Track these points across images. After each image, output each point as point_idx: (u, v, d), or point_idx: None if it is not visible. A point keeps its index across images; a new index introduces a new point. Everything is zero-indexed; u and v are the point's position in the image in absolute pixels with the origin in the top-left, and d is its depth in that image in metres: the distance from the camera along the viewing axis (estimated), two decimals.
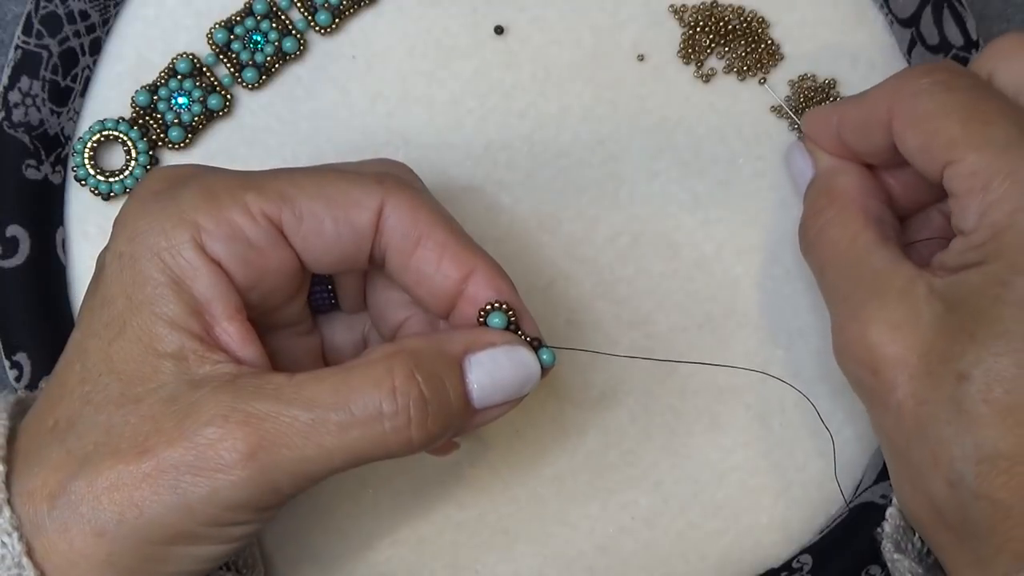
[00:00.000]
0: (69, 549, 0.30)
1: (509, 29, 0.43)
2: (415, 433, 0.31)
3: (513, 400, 0.33)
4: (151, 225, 0.32)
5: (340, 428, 0.30)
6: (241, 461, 0.29)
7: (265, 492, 0.30)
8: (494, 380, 0.32)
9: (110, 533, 0.30)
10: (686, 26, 0.43)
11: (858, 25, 0.43)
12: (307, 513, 0.42)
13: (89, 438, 0.30)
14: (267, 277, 0.33)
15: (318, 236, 0.33)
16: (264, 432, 0.30)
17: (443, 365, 0.32)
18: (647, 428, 0.42)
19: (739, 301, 0.42)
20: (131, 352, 0.31)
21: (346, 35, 0.43)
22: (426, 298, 0.34)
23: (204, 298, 0.31)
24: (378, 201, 0.33)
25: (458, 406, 0.32)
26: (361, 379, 0.31)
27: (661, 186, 0.43)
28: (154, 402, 0.30)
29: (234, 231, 0.32)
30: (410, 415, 0.31)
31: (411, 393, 0.31)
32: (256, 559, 0.40)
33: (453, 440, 0.38)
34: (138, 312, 0.31)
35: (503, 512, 0.42)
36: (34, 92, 0.41)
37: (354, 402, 0.30)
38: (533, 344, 0.34)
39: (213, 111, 0.42)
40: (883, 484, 0.41)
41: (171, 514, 0.30)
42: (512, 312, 0.33)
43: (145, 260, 0.31)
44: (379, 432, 0.30)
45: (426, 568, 0.42)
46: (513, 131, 0.43)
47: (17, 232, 0.41)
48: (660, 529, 0.42)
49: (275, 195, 0.32)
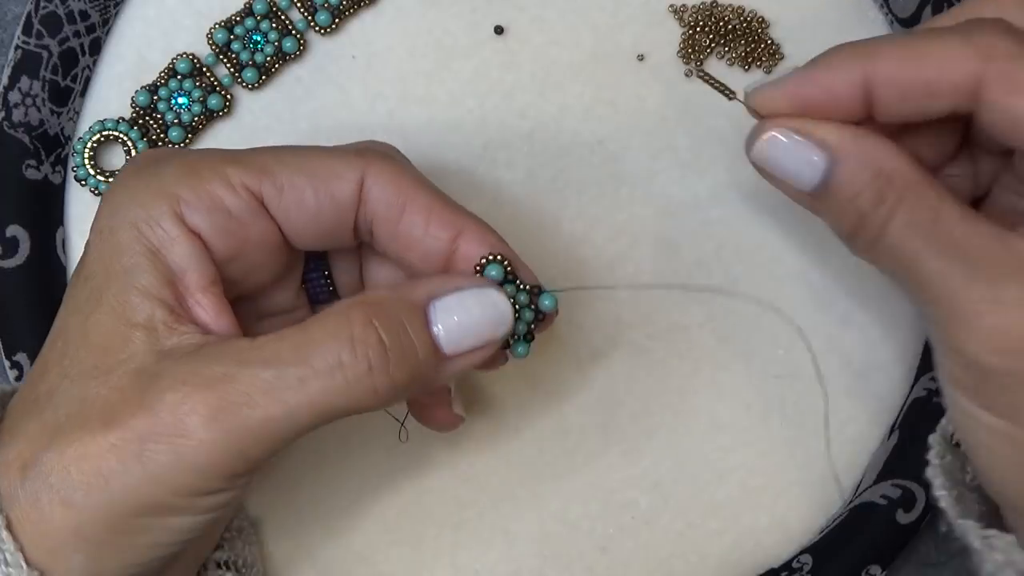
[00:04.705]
0: (40, 520, 0.30)
1: (509, 29, 0.43)
2: (378, 381, 0.30)
3: (487, 345, 0.32)
4: (131, 198, 0.32)
5: (301, 382, 0.29)
6: (203, 424, 0.29)
7: (231, 455, 0.30)
8: (461, 323, 0.32)
9: (78, 504, 0.29)
10: (686, 26, 0.43)
11: (858, 25, 0.43)
12: (307, 513, 0.42)
13: (63, 410, 0.30)
14: (248, 249, 0.33)
15: (299, 208, 0.33)
16: (224, 393, 0.29)
17: (404, 311, 0.31)
18: (647, 428, 0.42)
19: (739, 301, 0.42)
20: (106, 324, 0.31)
21: (346, 35, 0.43)
22: (419, 264, 0.34)
23: (179, 268, 0.32)
24: (359, 173, 0.33)
25: (425, 352, 0.31)
26: (320, 332, 0.30)
27: (661, 186, 0.43)
28: (123, 373, 0.30)
29: (214, 202, 0.32)
30: (370, 363, 0.30)
31: (369, 341, 0.30)
32: (255, 558, 0.40)
33: (457, 413, 0.38)
34: (114, 282, 0.31)
35: (503, 512, 0.42)
36: (34, 92, 0.41)
37: (313, 355, 0.30)
38: (533, 291, 0.33)
39: (213, 111, 0.42)
40: (883, 484, 0.41)
41: (137, 483, 0.29)
42: (508, 263, 0.33)
43: (123, 231, 0.32)
44: (341, 383, 0.30)
45: (426, 568, 0.42)
46: (513, 131, 0.43)
47: (17, 232, 0.41)
48: (660, 529, 0.42)
49: (256, 168, 0.33)
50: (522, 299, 0.33)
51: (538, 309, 0.34)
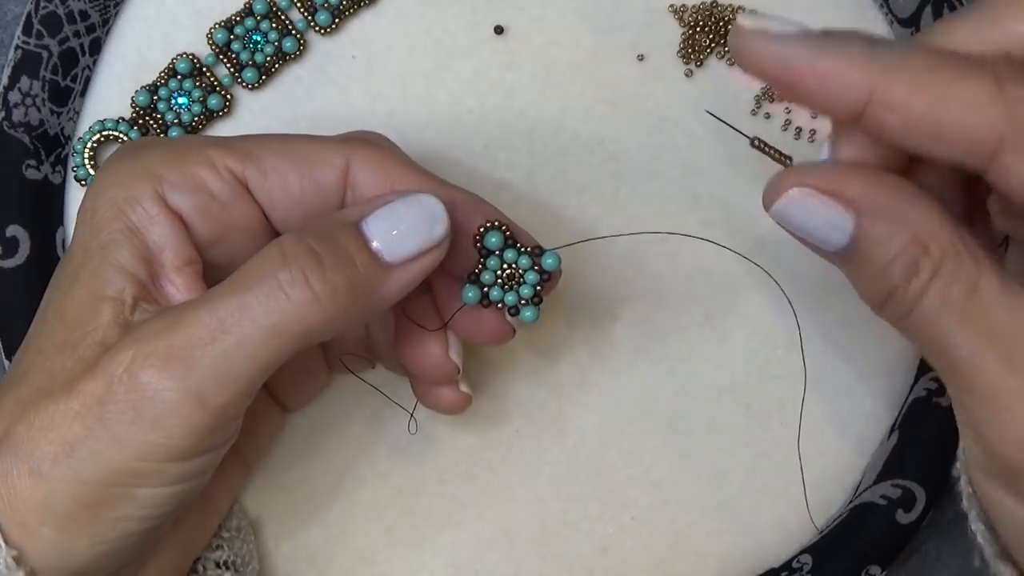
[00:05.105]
0: (11, 494, 0.30)
1: (509, 29, 0.43)
2: (318, 288, 0.30)
3: (431, 248, 0.32)
4: (114, 179, 0.33)
5: (241, 309, 0.29)
6: (156, 374, 0.29)
7: (191, 407, 0.29)
8: (396, 228, 0.31)
9: (45, 473, 0.29)
10: (686, 26, 0.43)
11: (858, 25, 0.43)
12: (307, 513, 0.42)
13: (35, 384, 0.31)
14: (232, 234, 0.33)
15: (283, 193, 0.33)
16: (173, 340, 0.29)
17: (336, 226, 0.31)
18: (647, 428, 0.42)
19: (739, 301, 0.42)
20: (80, 298, 0.32)
21: (346, 35, 0.43)
22: None
23: (156, 246, 0.32)
24: (343, 159, 0.33)
25: (364, 262, 0.31)
26: (253, 261, 0.30)
27: (661, 186, 0.43)
28: (88, 345, 0.31)
29: (197, 184, 0.32)
30: (304, 273, 0.30)
31: (300, 252, 0.30)
32: (251, 555, 0.39)
33: (464, 392, 0.37)
34: (92, 258, 0.32)
35: (503, 512, 0.42)
36: (34, 92, 0.41)
37: (249, 282, 0.30)
38: (534, 252, 0.33)
39: (213, 111, 0.42)
40: (883, 484, 0.41)
41: (103, 448, 0.29)
42: (506, 228, 0.34)
43: (104, 210, 0.32)
44: (282, 300, 0.29)
45: (426, 568, 0.42)
46: (513, 131, 0.43)
47: (17, 232, 0.41)
48: (660, 529, 0.42)
49: (240, 152, 0.33)
50: (524, 263, 0.34)
51: (542, 270, 0.34)
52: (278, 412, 0.40)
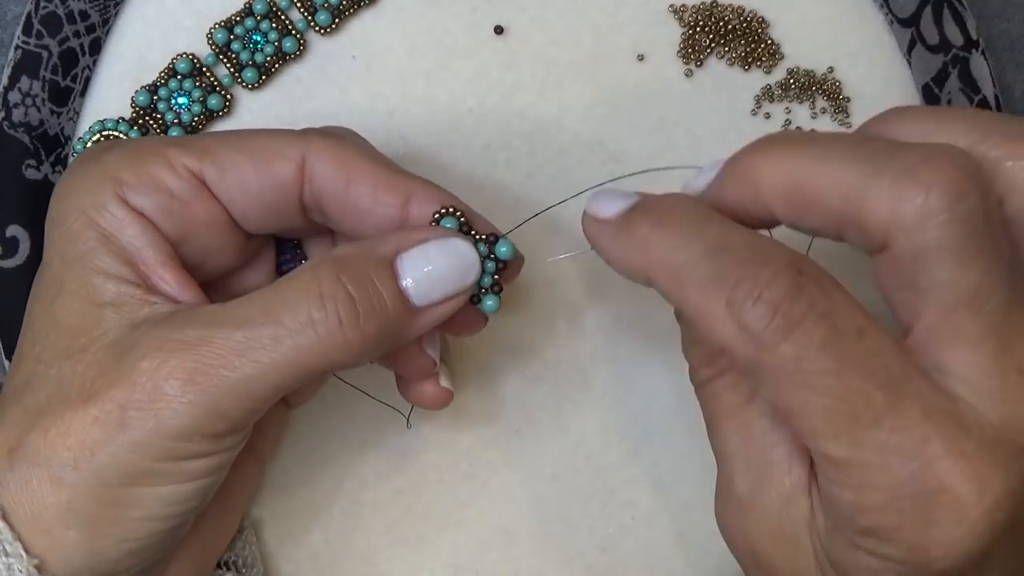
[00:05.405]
0: (31, 503, 0.30)
1: (509, 29, 0.43)
2: (349, 334, 0.31)
3: (458, 295, 0.33)
4: (76, 184, 0.33)
5: (273, 341, 0.30)
6: (180, 387, 0.30)
7: (211, 417, 0.30)
8: (429, 274, 0.32)
9: (67, 479, 0.30)
10: (686, 26, 0.43)
11: (858, 25, 0.43)
12: (307, 513, 0.42)
13: (42, 393, 0.31)
14: (197, 231, 0.34)
15: (241, 188, 0.34)
16: (199, 356, 0.30)
17: (372, 266, 0.32)
18: (647, 428, 0.42)
19: None
20: (72, 307, 0.32)
21: (346, 35, 0.43)
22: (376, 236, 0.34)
23: (134, 248, 0.32)
24: (299, 152, 0.34)
25: (395, 305, 0.32)
26: (289, 290, 0.31)
27: (661, 187, 0.43)
28: (98, 349, 0.31)
29: (156, 183, 0.33)
30: (340, 317, 0.30)
31: (338, 295, 0.30)
32: (255, 558, 0.40)
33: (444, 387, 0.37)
34: (72, 268, 0.32)
35: (503, 512, 0.42)
36: (34, 92, 0.41)
37: (283, 313, 0.30)
38: (488, 239, 0.34)
39: (213, 111, 0.42)
40: None
41: (122, 452, 0.30)
42: (462, 214, 0.34)
43: (72, 218, 0.32)
44: (312, 339, 0.30)
45: (426, 568, 0.42)
46: (513, 131, 0.43)
47: (17, 232, 0.41)
48: (660, 529, 0.42)
49: (197, 149, 0.33)
50: (482, 249, 0.34)
51: (496, 258, 0.34)
52: (282, 408, 0.40)
